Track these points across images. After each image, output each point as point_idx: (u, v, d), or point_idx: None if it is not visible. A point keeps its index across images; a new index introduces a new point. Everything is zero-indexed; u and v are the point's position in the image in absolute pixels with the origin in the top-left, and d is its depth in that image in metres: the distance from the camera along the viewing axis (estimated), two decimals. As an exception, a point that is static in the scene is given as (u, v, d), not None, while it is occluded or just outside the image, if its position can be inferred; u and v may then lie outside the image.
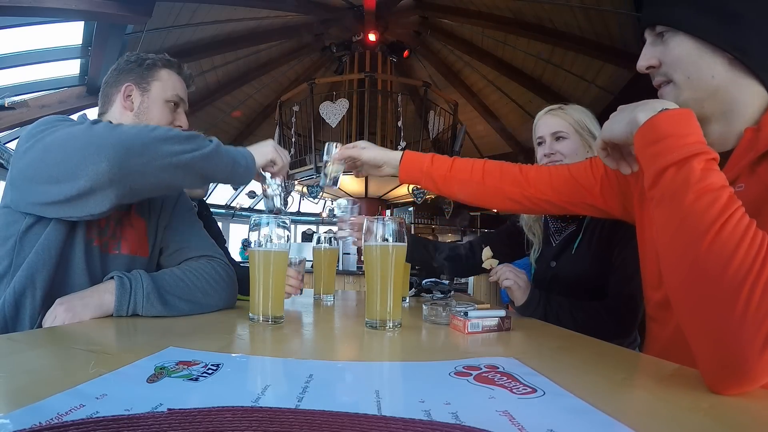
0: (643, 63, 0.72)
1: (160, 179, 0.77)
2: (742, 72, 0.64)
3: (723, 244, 0.47)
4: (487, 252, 1.15)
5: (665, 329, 0.77)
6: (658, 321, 0.81)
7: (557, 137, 1.20)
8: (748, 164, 0.62)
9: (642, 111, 0.58)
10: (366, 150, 1.09)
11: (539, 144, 1.26)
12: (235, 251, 7.47)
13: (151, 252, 0.99)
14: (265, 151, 0.96)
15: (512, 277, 1.08)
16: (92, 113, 1.02)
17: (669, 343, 0.75)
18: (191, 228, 1.06)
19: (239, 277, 1.03)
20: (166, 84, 1.02)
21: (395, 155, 1.09)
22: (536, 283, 1.25)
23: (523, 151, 7.45)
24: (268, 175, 1.01)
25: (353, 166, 1.11)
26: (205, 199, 1.70)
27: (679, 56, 0.66)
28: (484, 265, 1.17)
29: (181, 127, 1.04)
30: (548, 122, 1.23)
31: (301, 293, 1.15)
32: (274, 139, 6.32)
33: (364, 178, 6.13)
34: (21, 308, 0.78)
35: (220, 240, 1.68)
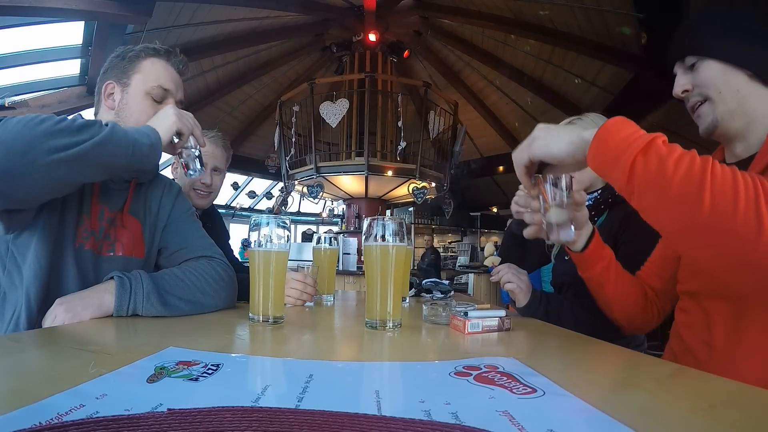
0: (678, 89, 0.83)
1: (52, 178, 0.69)
2: (760, 85, 0.76)
3: (722, 188, 0.54)
4: (489, 248, 1.17)
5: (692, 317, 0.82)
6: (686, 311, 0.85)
7: None
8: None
9: (584, 130, 0.65)
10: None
11: None
12: (235, 251, 7.46)
13: (148, 253, 0.99)
14: (167, 124, 0.87)
15: (514, 280, 1.08)
16: (89, 114, 1.01)
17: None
18: (190, 228, 1.05)
19: (239, 279, 1.02)
20: (148, 75, 0.95)
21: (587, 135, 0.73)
22: (554, 277, 1.28)
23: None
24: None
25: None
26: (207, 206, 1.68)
27: (708, 77, 0.79)
28: (485, 263, 1.19)
29: None
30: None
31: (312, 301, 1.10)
32: (274, 139, 6.26)
33: (364, 178, 6.15)
34: (20, 325, 0.79)
35: (226, 246, 1.68)
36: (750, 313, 0.69)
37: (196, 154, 0.96)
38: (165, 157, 0.95)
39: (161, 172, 1.13)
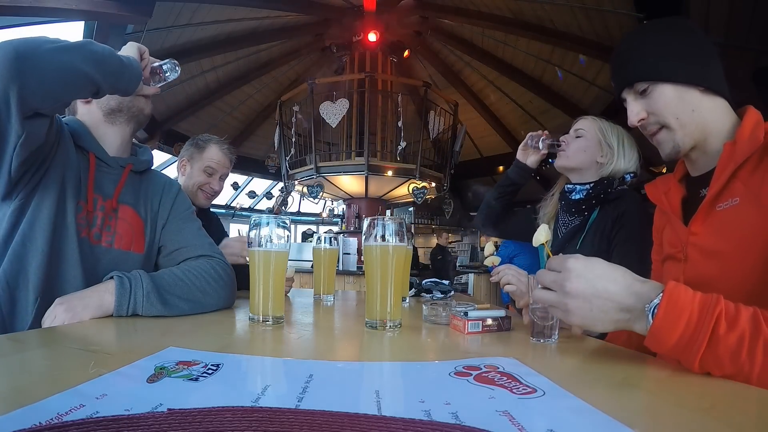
0: (634, 118, 0.81)
1: (57, 67, 0.72)
2: (712, 96, 0.77)
3: None
4: (489, 248, 1.18)
5: None
6: None
7: (577, 134, 1.35)
8: (731, 174, 0.70)
9: (635, 322, 0.56)
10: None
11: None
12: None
13: (148, 250, 0.99)
14: (129, 50, 0.90)
15: (514, 281, 1.08)
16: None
17: None
18: (190, 227, 1.05)
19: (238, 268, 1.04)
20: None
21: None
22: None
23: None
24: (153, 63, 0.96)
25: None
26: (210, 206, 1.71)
27: (664, 103, 0.78)
28: (485, 263, 1.21)
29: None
30: (580, 123, 1.38)
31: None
32: (274, 139, 6.27)
33: (364, 178, 6.15)
34: (17, 303, 0.79)
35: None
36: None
37: (170, 64, 0.97)
38: (165, 156, 0.96)
39: (163, 171, 1.14)
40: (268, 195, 9.27)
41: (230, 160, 1.71)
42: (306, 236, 7.82)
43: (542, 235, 0.80)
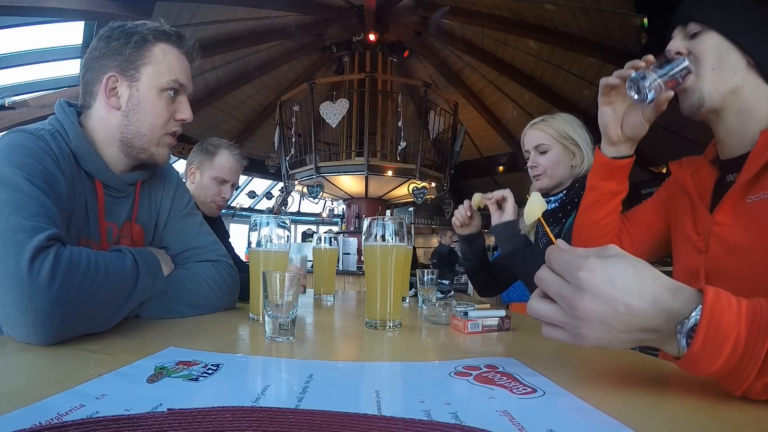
0: (672, 48, 0.76)
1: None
2: (757, 76, 0.71)
3: None
4: (476, 196, 1.23)
5: None
6: None
7: (540, 150, 1.28)
8: (765, 163, 0.66)
9: (664, 342, 0.44)
10: None
11: (527, 156, 1.34)
12: (240, 251, 7.47)
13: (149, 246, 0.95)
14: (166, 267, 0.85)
15: (506, 194, 1.15)
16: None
17: None
18: (191, 226, 0.99)
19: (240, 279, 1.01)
20: (160, 66, 0.82)
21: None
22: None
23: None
24: None
25: None
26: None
27: (707, 49, 0.72)
28: (474, 205, 1.24)
29: (183, 120, 0.87)
30: (531, 136, 1.31)
31: (304, 291, 1.14)
32: (274, 139, 6.23)
33: (364, 178, 6.15)
34: None
35: (227, 245, 1.67)
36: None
37: None
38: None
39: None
40: (268, 195, 9.27)
41: (242, 166, 1.64)
42: (306, 236, 7.82)
43: (536, 207, 0.71)
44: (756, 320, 0.40)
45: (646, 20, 4.80)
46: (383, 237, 0.78)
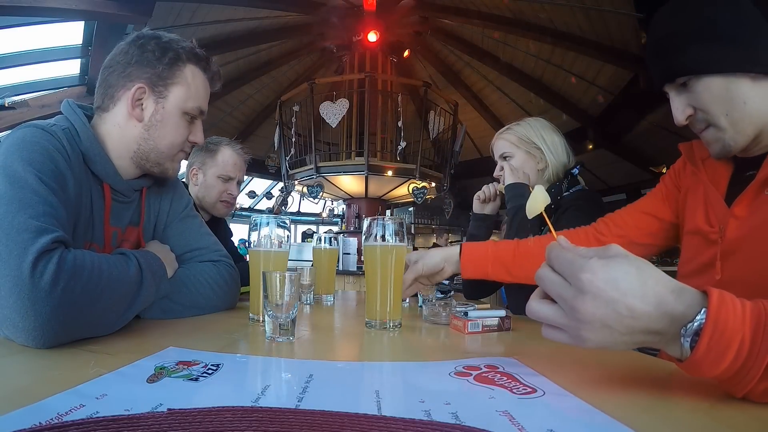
0: (680, 116, 0.71)
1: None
2: (763, 82, 0.66)
3: None
4: (501, 186, 1.31)
5: None
6: None
7: (504, 158, 1.33)
8: None
9: (667, 345, 0.43)
10: (419, 263, 0.98)
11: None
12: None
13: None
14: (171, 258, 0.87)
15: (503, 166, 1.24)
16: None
17: None
18: (191, 227, 0.99)
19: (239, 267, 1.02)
20: (189, 89, 0.83)
21: (452, 251, 1.01)
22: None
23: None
24: None
25: (426, 283, 1.02)
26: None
27: (711, 98, 0.67)
28: (500, 189, 1.34)
29: (195, 143, 0.90)
30: (496, 146, 1.36)
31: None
32: (274, 139, 6.22)
33: (364, 178, 6.15)
34: None
35: (229, 244, 1.66)
36: None
37: None
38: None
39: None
40: (268, 195, 9.26)
41: (245, 161, 1.61)
42: (306, 236, 7.81)
43: (539, 200, 0.71)
44: (760, 323, 0.39)
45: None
46: (383, 237, 0.78)
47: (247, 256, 0.92)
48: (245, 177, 1.76)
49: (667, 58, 0.70)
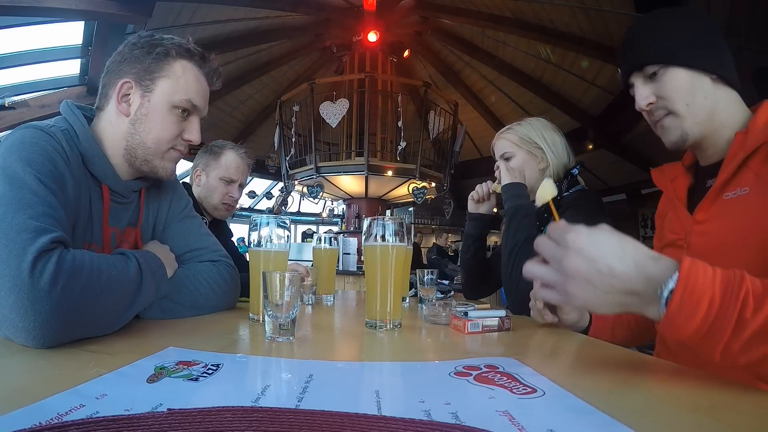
0: (642, 102, 0.78)
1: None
2: (723, 86, 0.75)
3: None
4: (497, 185, 1.31)
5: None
6: None
7: (505, 158, 1.32)
8: (741, 162, 0.69)
9: (646, 306, 0.48)
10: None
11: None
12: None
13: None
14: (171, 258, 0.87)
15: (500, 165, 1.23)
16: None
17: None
18: (190, 228, 0.99)
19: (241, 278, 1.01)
20: (177, 82, 0.81)
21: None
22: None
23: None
24: None
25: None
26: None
27: (675, 87, 0.75)
28: (493, 189, 1.34)
29: (190, 141, 0.86)
30: (497, 146, 1.36)
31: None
32: (274, 139, 6.23)
33: (364, 178, 6.15)
34: None
35: (230, 244, 1.66)
36: None
37: None
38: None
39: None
40: (268, 195, 9.26)
41: (249, 165, 1.62)
42: (306, 236, 7.81)
43: (547, 191, 0.72)
44: (730, 283, 0.44)
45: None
46: (383, 237, 0.78)
47: (247, 255, 0.92)
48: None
49: (640, 49, 0.78)
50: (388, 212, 7.59)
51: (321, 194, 6.79)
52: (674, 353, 0.79)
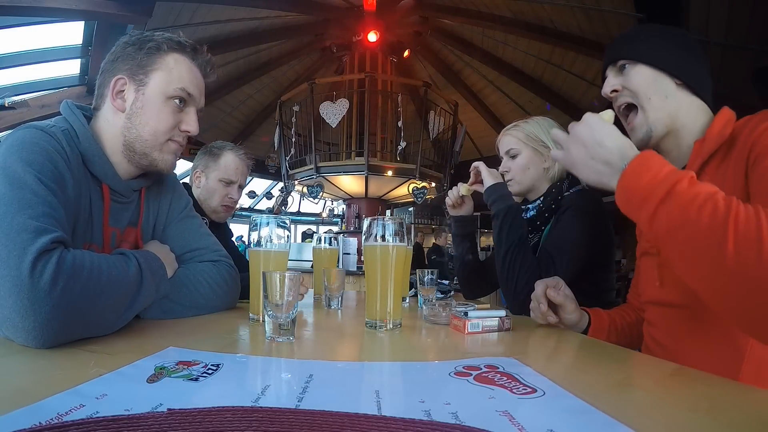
0: (608, 89, 0.86)
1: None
2: (687, 93, 0.80)
3: (746, 234, 0.49)
4: (462, 186, 1.34)
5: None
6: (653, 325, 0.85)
7: (511, 155, 1.32)
8: (698, 169, 0.73)
9: (611, 178, 0.63)
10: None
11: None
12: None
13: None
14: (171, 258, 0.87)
15: (478, 165, 1.28)
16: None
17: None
18: (190, 228, 0.99)
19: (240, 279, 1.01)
20: (171, 74, 0.81)
21: None
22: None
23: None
24: None
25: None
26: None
27: (639, 81, 0.82)
28: (462, 192, 1.34)
29: (188, 132, 0.86)
30: (503, 142, 1.35)
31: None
32: (274, 139, 6.25)
33: (364, 178, 6.15)
34: None
35: (230, 245, 1.66)
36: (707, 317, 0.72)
37: None
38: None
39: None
40: (268, 195, 9.26)
41: (248, 166, 1.62)
42: (306, 236, 7.81)
43: (611, 116, 0.77)
44: (678, 172, 0.57)
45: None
46: (383, 237, 0.78)
47: (247, 254, 0.91)
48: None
49: (616, 47, 0.87)
50: (388, 212, 7.59)
51: (321, 194, 6.80)
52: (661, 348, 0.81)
